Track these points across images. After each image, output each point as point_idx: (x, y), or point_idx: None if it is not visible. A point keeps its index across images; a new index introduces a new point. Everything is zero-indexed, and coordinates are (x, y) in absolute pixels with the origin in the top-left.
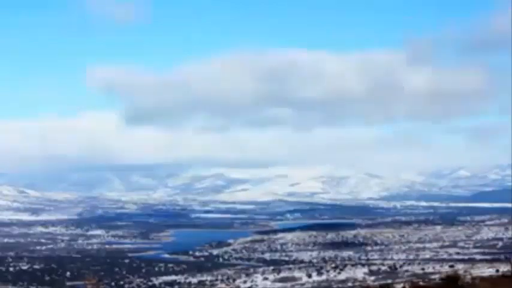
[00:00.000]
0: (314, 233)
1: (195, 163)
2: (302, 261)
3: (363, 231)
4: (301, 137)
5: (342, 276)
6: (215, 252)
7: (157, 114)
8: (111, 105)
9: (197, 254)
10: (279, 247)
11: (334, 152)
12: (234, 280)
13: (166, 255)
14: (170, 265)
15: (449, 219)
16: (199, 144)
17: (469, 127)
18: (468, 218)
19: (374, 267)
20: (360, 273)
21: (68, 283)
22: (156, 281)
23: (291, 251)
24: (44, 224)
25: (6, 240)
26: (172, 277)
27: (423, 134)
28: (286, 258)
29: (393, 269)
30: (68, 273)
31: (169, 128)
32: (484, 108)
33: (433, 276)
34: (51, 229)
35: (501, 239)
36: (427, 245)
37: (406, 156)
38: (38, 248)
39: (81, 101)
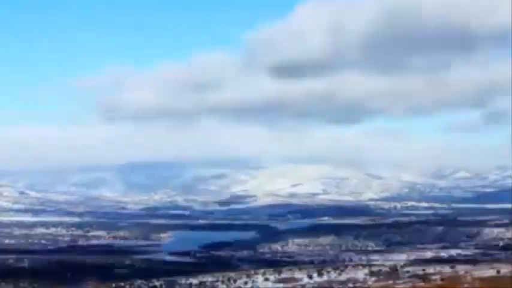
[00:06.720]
0: (315, 233)
1: (195, 164)
2: (303, 262)
3: (363, 232)
4: (302, 137)
5: (343, 277)
6: (216, 253)
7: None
8: None
9: (198, 255)
10: (279, 248)
11: (334, 153)
12: (235, 281)
13: (167, 256)
14: (171, 266)
15: (450, 219)
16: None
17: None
18: (469, 219)
19: (375, 268)
20: (360, 274)
21: (69, 284)
22: (157, 282)
23: (292, 251)
24: (45, 225)
25: (7, 241)
26: (173, 278)
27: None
28: (287, 259)
29: (394, 270)
30: (69, 274)
31: (170, 128)
32: None
33: (434, 277)
34: (52, 230)
35: (502, 240)
36: (428, 246)
37: (406, 156)
38: (39, 249)
39: None
